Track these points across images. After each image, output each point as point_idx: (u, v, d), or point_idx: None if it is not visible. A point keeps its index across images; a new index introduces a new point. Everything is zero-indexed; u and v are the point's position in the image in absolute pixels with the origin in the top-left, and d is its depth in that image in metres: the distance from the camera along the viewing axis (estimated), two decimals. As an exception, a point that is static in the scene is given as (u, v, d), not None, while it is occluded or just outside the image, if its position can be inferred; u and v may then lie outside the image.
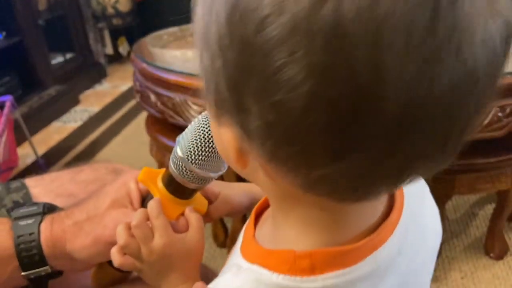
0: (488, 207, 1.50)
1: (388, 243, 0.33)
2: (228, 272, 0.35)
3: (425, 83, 0.22)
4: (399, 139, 0.23)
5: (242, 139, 0.27)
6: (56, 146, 2.19)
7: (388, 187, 0.28)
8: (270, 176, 0.30)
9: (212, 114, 0.30)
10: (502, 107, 1.02)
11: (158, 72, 1.20)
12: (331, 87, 0.22)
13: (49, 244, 0.50)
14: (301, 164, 0.25)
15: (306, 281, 0.30)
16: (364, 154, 0.24)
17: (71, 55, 2.86)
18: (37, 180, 0.64)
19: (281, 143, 0.24)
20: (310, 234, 0.32)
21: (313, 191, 0.28)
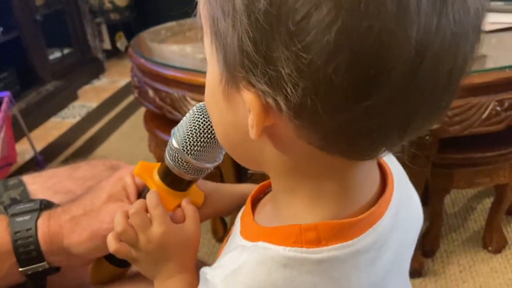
0: (486, 201, 1.51)
1: (384, 217, 0.35)
2: (232, 252, 0.35)
3: (435, 20, 0.24)
4: (414, 78, 0.25)
5: (267, 97, 0.28)
6: (54, 142, 2.19)
7: (392, 141, 0.29)
8: (279, 145, 0.31)
9: (226, 84, 0.30)
10: (501, 101, 1.02)
11: (156, 67, 1.20)
12: (358, 25, 0.23)
13: (46, 240, 0.50)
14: (326, 109, 0.26)
15: (312, 252, 0.31)
16: (383, 94, 0.25)
17: (69, 50, 2.85)
18: (35, 177, 0.64)
19: (310, 88, 0.25)
20: (315, 208, 0.33)
21: (329, 146, 0.29)
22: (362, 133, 0.28)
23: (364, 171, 0.34)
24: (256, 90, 0.28)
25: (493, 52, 1.20)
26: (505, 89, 1.02)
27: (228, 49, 0.28)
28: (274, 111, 0.28)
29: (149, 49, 1.38)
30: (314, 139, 0.29)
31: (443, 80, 0.27)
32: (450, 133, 1.03)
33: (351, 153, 0.30)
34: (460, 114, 1.02)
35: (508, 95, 1.03)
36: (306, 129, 0.28)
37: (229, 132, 0.34)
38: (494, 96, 1.02)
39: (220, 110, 0.33)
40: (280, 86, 0.26)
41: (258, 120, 0.29)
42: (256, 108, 0.28)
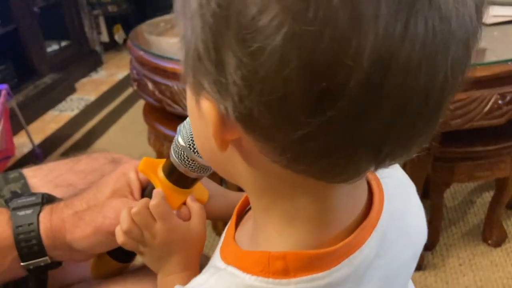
0: (486, 194, 1.51)
1: (365, 246, 0.32)
2: (206, 273, 0.34)
3: (399, 28, 0.21)
4: (377, 93, 0.22)
5: (220, 105, 0.26)
6: (52, 135, 2.18)
7: (361, 165, 0.26)
8: (248, 161, 0.29)
9: (192, 90, 0.28)
10: (502, 95, 1.02)
11: (155, 60, 1.19)
12: (306, 32, 0.21)
13: (48, 235, 0.49)
14: (280, 124, 0.24)
15: (278, 284, 0.29)
16: (340, 109, 0.22)
17: (67, 43, 2.83)
18: (35, 170, 0.64)
19: (257, 99, 0.23)
20: (287, 233, 0.31)
21: (293, 165, 0.26)
22: (322, 153, 0.25)
23: (344, 192, 0.31)
24: (210, 97, 0.26)
25: (495, 45, 1.19)
26: (507, 83, 1.02)
27: (189, 53, 0.26)
28: (231, 122, 0.26)
29: (148, 41, 1.36)
30: (275, 157, 0.26)
31: (417, 100, 0.23)
32: (452, 126, 1.02)
33: (316, 174, 0.27)
34: (462, 107, 1.01)
35: (510, 89, 1.02)
36: (263, 146, 0.26)
37: (203, 143, 0.32)
38: (496, 89, 1.01)
39: (195, 120, 0.31)
40: (229, 94, 0.24)
41: (215, 130, 0.27)
42: (212, 117, 0.26)
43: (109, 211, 0.49)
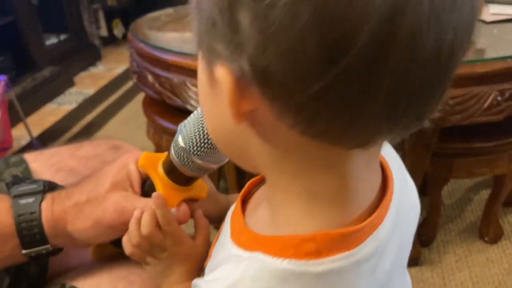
0: (482, 192, 1.51)
1: (385, 220, 0.32)
2: (226, 264, 0.33)
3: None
4: (390, 43, 0.22)
5: (235, 67, 0.25)
6: (51, 128, 2.18)
7: (378, 125, 0.26)
8: (264, 135, 0.29)
9: (205, 61, 0.28)
10: (501, 91, 1.02)
11: (156, 52, 1.19)
12: None
13: (50, 224, 0.49)
14: (297, 78, 0.24)
15: (312, 265, 0.29)
16: (354, 59, 0.22)
17: (66, 36, 2.82)
18: (36, 155, 0.63)
19: (275, 52, 0.23)
20: (312, 214, 0.31)
21: (310, 127, 0.26)
22: (338, 110, 0.25)
23: (362, 168, 0.31)
24: (227, 63, 0.26)
25: (495, 43, 1.19)
26: (506, 79, 1.02)
27: (203, 22, 0.26)
28: (248, 87, 0.26)
29: (148, 34, 1.36)
30: (292, 120, 0.26)
31: (429, 54, 0.23)
32: (451, 122, 1.03)
33: (332, 137, 0.27)
34: (461, 103, 1.02)
35: (509, 85, 1.03)
36: (282, 108, 0.26)
37: (217, 125, 0.32)
38: (495, 86, 1.02)
39: (208, 101, 0.31)
40: (245, 52, 0.24)
41: (231, 98, 0.26)
42: (227, 83, 0.26)
43: (108, 205, 0.49)
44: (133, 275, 0.53)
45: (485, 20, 1.27)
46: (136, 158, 0.51)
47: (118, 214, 0.48)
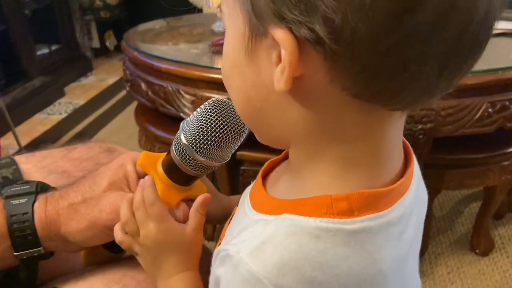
0: (473, 204, 1.52)
1: (410, 189, 0.34)
2: (252, 227, 0.33)
3: None
4: (453, 5, 0.25)
5: (302, 28, 0.26)
6: (40, 138, 2.15)
7: (430, 83, 0.28)
8: (307, 101, 0.30)
9: (248, 39, 0.30)
10: (492, 103, 1.04)
11: (150, 60, 1.19)
12: None
13: (43, 226, 0.48)
14: (367, 32, 0.25)
15: (344, 223, 0.30)
16: (424, 15, 0.24)
17: (57, 46, 2.81)
18: (28, 156, 0.62)
19: (349, 8, 0.24)
20: (346, 177, 0.32)
21: (366, 88, 0.28)
22: (402, 66, 0.26)
23: (393, 139, 0.33)
24: (287, 24, 0.27)
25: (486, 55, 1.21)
26: (498, 91, 1.04)
27: None
28: (308, 50, 0.27)
29: (142, 42, 1.36)
30: (350, 81, 0.27)
31: (479, 18, 0.26)
32: (443, 132, 1.04)
33: (388, 96, 0.28)
34: (453, 114, 1.03)
35: (500, 97, 1.04)
36: (342, 68, 0.27)
37: (251, 95, 0.32)
38: (486, 97, 1.03)
39: (242, 73, 0.32)
40: (316, 11, 0.25)
41: (291, 58, 0.27)
42: (289, 44, 0.27)
43: (105, 205, 0.48)
44: (127, 278, 0.52)
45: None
46: (134, 158, 0.50)
47: (115, 215, 0.46)
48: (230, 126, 0.43)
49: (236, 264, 0.31)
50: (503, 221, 1.45)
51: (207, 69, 1.12)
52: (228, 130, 0.43)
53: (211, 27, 1.41)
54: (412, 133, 1.03)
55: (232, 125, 0.43)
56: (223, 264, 0.33)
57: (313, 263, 0.30)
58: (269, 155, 1.28)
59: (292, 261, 0.29)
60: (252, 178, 0.42)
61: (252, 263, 0.30)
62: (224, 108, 0.43)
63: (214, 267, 0.35)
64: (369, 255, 0.31)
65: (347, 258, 0.30)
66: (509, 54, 1.18)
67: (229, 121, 0.43)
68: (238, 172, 1.22)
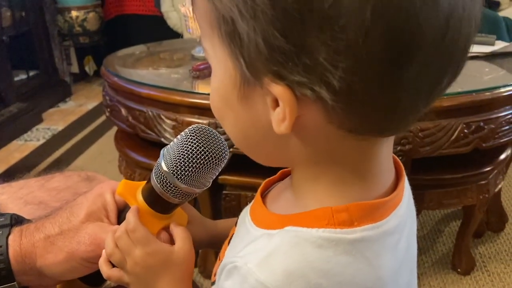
0: (453, 224, 1.54)
1: (402, 202, 0.36)
2: (256, 241, 0.34)
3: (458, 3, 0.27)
4: (442, 43, 0.27)
5: (301, 88, 0.28)
6: (16, 165, 2.10)
7: (419, 110, 0.31)
8: (307, 135, 0.32)
9: (241, 85, 0.31)
10: (468, 124, 1.06)
11: (130, 85, 1.19)
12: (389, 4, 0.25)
13: (18, 259, 0.47)
14: (365, 86, 0.27)
15: (345, 233, 0.32)
16: (418, 62, 0.27)
17: (35, 72, 2.78)
18: (4, 187, 0.61)
19: (349, 68, 0.26)
20: (342, 193, 0.34)
21: (362, 125, 0.30)
22: (397, 104, 0.29)
23: (384, 156, 0.35)
24: (286, 82, 0.28)
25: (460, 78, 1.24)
26: (472, 113, 1.07)
27: (249, 47, 0.28)
28: (306, 100, 0.29)
29: (121, 68, 1.36)
30: (347, 121, 0.30)
31: (464, 43, 0.29)
32: (421, 154, 1.06)
33: (383, 127, 0.31)
34: (430, 135, 1.05)
35: (475, 118, 1.07)
36: (341, 112, 0.29)
37: (249, 133, 0.34)
38: (461, 118, 1.06)
39: (236, 113, 0.33)
40: (317, 72, 0.27)
41: (291, 111, 0.29)
42: (288, 99, 0.28)
43: (84, 237, 0.47)
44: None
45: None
46: (112, 187, 0.49)
47: (94, 246, 0.45)
48: (212, 152, 0.43)
49: (245, 274, 0.32)
50: (482, 240, 1.47)
51: (188, 94, 1.12)
52: (210, 156, 0.43)
53: (191, 52, 1.42)
54: (391, 155, 1.05)
55: (213, 151, 0.43)
56: (230, 277, 0.34)
57: (318, 271, 0.31)
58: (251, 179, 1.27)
59: (298, 269, 0.31)
60: (234, 202, 0.42)
61: (261, 273, 0.31)
62: (205, 135, 0.43)
63: (220, 282, 0.35)
64: (369, 263, 0.33)
65: (349, 266, 0.32)
66: (482, 77, 1.22)
67: (210, 148, 0.43)
68: (220, 196, 1.21)
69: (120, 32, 3.10)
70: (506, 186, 1.69)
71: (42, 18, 2.79)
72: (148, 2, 2.95)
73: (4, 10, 2.55)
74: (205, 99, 1.10)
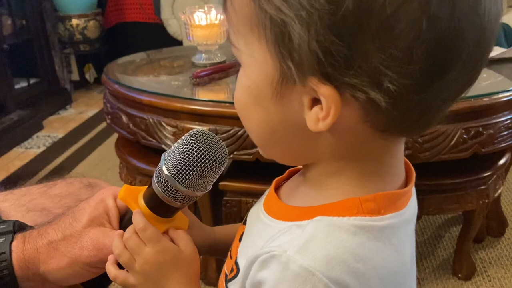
0: (453, 229, 1.54)
1: (413, 195, 0.40)
2: (285, 233, 0.35)
3: (492, 10, 0.30)
4: (476, 54, 0.30)
5: (351, 89, 0.30)
6: (17, 172, 2.10)
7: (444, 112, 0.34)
8: (339, 134, 0.34)
9: (278, 83, 0.32)
10: (467, 129, 1.07)
11: (131, 92, 1.19)
12: (444, 12, 0.28)
13: (21, 265, 0.47)
14: (410, 89, 0.29)
15: (374, 220, 0.34)
16: (456, 70, 0.30)
17: (36, 80, 2.79)
18: (6, 194, 0.61)
19: (400, 72, 0.29)
20: (365, 185, 0.36)
21: (396, 126, 0.33)
22: (430, 107, 0.32)
23: (401, 154, 0.38)
24: (334, 83, 0.30)
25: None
26: (471, 118, 1.07)
27: (300, 48, 0.29)
28: (350, 101, 0.31)
29: (122, 76, 1.37)
30: (383, 122, 0.32)
31: (487, 53, 0.32)
32: (421, 159, 1.06)
33: (412, 128, 0.34)
34: (429, 141, 1.06)
35: (473, 124, 1.08)
36: (381, 113, 0.31)
37: (277, 129, 0.35)
38: (460, 124, 1.07)
39: (266, 110, 0.35)
40: (370, 75, 0.29)
41: (335, 111, 0.31)
42: (334, 100, 0.30)
43: (87, 241, 0.47)
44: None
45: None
46: (114, 193, 0.49)
47: (97, 251, 0.46)
48: (212, 155, 0.43)
49: (286, 262, 0.33)
50: (483, 245, 1.47)
51: (189, 101, 1.13)
52: (210, 159, 0.43)
53: (191, 59, 1.43)
54: (391, 160, 1.05)
55: (213, 155, 0.43)
56: (267, 266, 0.34)
57: (355, 256, 0.33)
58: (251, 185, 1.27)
59: (337, 254, 0.33)
60: (235, 208, 0.43)
61: (303, 259, 0.32)
62: (205, 138, 0.44)
63: (252, 273, 0.36)
64: (396, 249, 0.35)
65: (381, 251, 0.35)
66: (480, 82, 1.23)
67: (210, 151, 0.43)
68: (220, 202, 1.22)
69: (120, 39, 3.12)
70: (506, 191, 1.70)
71: (42, 26, 2.81)
72: (148, 10, 2.97)
73: (5, 18, 2.57)
74: (205, 106, 1.10)
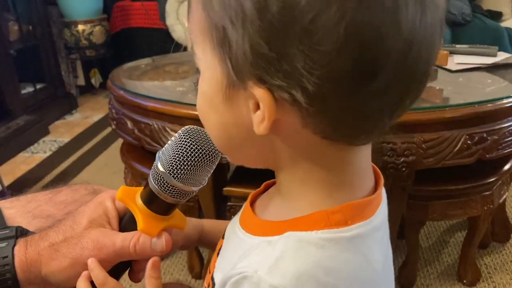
0: (458, 234, 1.54)
1: (382, 201, 0.39)
2: (255, 250, 0.36)
3: (419, 17, 0.29)
4: (404, 64, 0.30)
5: (280, 91, 0.31)
6: (23, 177, 2.12)
7: (384, 123, 0.33)
8: (285, 137, 0.34)
9: (226, 87, 0.33)
10: (471, 135, 1.07)
11: (136, 98, 1.20)
12: (362, 19, 0.28)
13: (23, 268, 0.48)
14: (337, 94, 0.30)
15: (342, 231, 0.35)
16: (383, 77, 0.30)
17: (42, 85, 2.81)
18: (12, 201, 0.62)
19: (323, 76, 0.29)
20: (331, 196, 0.36)
21: (334, 132, 0.32)
22: (364, 115, 0.32)
23: (365, 158, 0.38)
24: (267, 85, 0.31)
25: (462, 90, 1.26)
26: (475, 124, 1.07)
27: (237, 53, 0.31)
28: (283, 104, 0.31)
29: (128, 81, 1.38)
30: (320, 127, 0.32)
31: (424, 66, 0.32)
32: (425, 165, 1.06)
33: (353, 137, 0.34)
34: (434, 147, 1.06)
35: (477, 130, 1.07)
36: (314, 117, 0.31)
37: (232, 132, 0.36)
38: (464, 130, 1.07)
39: (220, 113, 0.36)
40: (295, 78, 0.30)
41: (270, 113, 0.32)
42: (268, 102, 0.31)
43: (87, 242, 0.48)
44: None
45: (451, 69, 1.35)
46: (112, 195, 0.50)
47: (97, 251, 0.46)
48: (205, 149, 0.44)
49: (257, 282, 0.33)
50: (488, 251, 1.46)
51: (193, 107, 1.13)
52: (204, 154, 0.44)
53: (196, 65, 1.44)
54: (395, 166, 1.05)
55: (207, 149, 0.44)
56: (239, 287, 0.35)
57: (324, 269, 0.33)
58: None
59: (306, 270, 0.33)
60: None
61: (273, 279, 0.33)
62: (198, 134, 0.45)
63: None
64: (365, 257, 0.36)
65: (350, 262, 0.35)
66: (484, 88, 1.23)
67: (203, 145, 0.44)
68: (225, 208, 1.22)
69: (125, 45, 3.14)
70: (511, 197, 1.69)
71: (49, 32, 2.84)
72: (153, 16, 2.99)
73: (12, 24, 2.60)
74: (209, 112, 1.11)
